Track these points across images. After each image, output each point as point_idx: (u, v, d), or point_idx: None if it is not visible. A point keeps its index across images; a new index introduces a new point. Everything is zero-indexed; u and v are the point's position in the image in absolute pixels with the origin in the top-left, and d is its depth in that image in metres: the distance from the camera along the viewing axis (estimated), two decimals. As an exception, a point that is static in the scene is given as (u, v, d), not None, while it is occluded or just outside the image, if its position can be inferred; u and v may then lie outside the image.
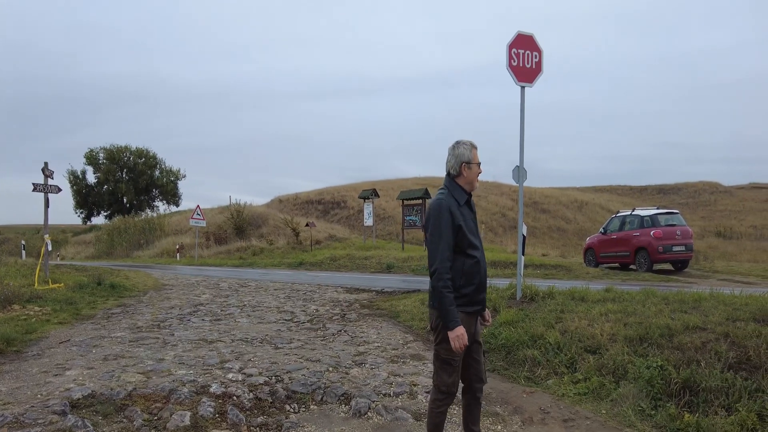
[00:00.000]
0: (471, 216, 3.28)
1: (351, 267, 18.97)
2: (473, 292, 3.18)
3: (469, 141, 3.35)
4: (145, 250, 33.94)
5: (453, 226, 3.12)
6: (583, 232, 35.75)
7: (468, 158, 3.28)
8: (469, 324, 3.20)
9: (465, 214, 3.22)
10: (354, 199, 36.80)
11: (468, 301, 3.18)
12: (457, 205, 3.21)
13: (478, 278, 3.19)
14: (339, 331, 7.45)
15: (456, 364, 3.21)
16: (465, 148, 3.30)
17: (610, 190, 55.59)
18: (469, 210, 3.28)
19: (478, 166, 3.30)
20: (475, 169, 3.30)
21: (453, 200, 3.21)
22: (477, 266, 3.17)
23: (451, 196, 3.23)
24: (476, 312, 3.25)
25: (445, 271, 3.07)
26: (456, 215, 3.15)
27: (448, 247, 3.10)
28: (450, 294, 3.07)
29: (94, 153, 53.44)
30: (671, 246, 16.17)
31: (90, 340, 6.66)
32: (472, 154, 3.29)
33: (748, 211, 41.66)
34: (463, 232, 3.15)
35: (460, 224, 3.15)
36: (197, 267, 22.34)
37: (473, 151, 3.30)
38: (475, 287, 3.18)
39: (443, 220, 3.12)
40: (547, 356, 5.42)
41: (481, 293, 3.24)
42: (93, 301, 10.15)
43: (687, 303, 6.17)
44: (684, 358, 4.74)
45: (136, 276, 15.72)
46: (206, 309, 9.52)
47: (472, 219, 3.28)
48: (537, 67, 7.15)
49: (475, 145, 3.34)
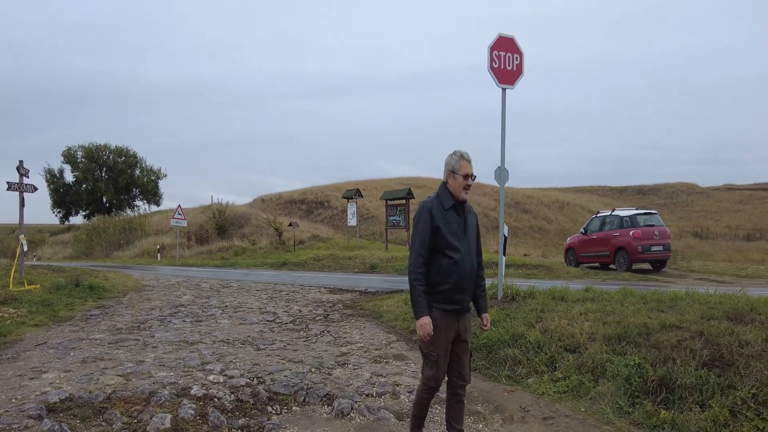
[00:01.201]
0: (458, 220, 3.40)
1: (334, 267, 18.93)
2: (449, 291, 3.32)
3: (462, 152, 3.46)
4: (125, 251, 33.43)
5: (431, 226, 3.33)
6: (564, 232, 36.19)
7: (453, 168, 3.43)
8: (448, 322, 3.34)
9: (449, 218, 3.37)
10: (337, 199, 36.74)
11: (444, 298, 3.33)
12: (441, 208, 3.38)
13: (455, 278, 3.31)
14: (322, 332, 7.44)
15: (434, 359, 3.37)
16: (453, 158, 3.45)
17: (590, 190, 56.38)
18: (456, 215, 3.41)
19: (463, 177, 3.41)
20: (459, 180, 3.42)
21: (438, 203, 3.40)
22: (455, 267, 3.31)
23: (438, 200, 3.43)
24: (455, 311, 3.37)
25: (417, 266, 3.32)
26: (436, 217, 3.35)
27: (422, 246, 3.32)
28: (420, 287, 3.30)
29: (72, 151, 52.51)
30: (650, 246, 16.46)
31: (68, 343, 6.55)
32: (458, 165, 3.42)
33: (723, 211, 42.65)
34: (442, 234, 3.32)
35: (438, 225, 3.33)
36: (178, 267, 22.08)
37: (461, 162, 3.42)
38: (451, 286, 3.32)
39: (422, 221, 3.36)
40: (527, 355, 5.49)
41: (460, 294, 3.36)
42: (71, 302, 9.97)
43: (664, 302, 6.29)
44: (660, 356, 4.84)
45: (116, 277, 15.47)
46: (187, 310, 9.42)
47: (459, 224, 3.40)
48: (518, 69, 7.23)
49: (465, 157, 3.44)
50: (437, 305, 3.34)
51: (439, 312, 3.33)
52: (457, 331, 3.40)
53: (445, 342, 3.37)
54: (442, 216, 3.36)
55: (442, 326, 3.33)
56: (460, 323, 3.41)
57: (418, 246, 3.33)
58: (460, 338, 3.43)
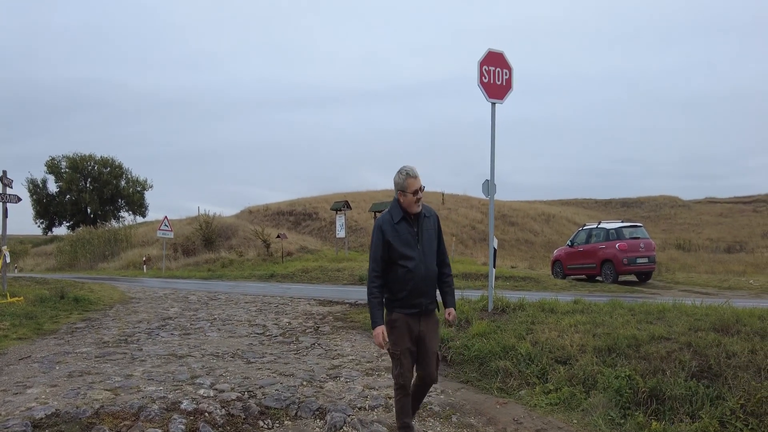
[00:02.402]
0: (410, 230, 3.60)
1: (323, 279, 18.86)
2: (407, 296, 3.58)
3: (408, 170, 3.57)
4: (110, 262, 32.98)
5: (383, 242, 3.57)
6: (551, 244, 36.46)
7: (402, 187, 3.57)
8: (408, 323, 3.61)
9: (399, 230, 3.58)
10: (326, 211, 36.67)
11: (403, 304, 3.61)
12: (391, 222, 3.60)
13: (411, 284, 3.56)
14: (312, 345, 7.39)
15: (397, 357, 3.63)
16: (401, 177, 3.57)
17: (575, 203, 56.93)
18: (407, 225, 3.60)
19: (412, 194, 3.54)
20: (410, 197, 3.56)
21: (389, 217, 3.62)
22: (409, 274, 3.55)
23: (389, 214, 3.65)
24: (416, 314, 3.62)
25: (371, 280, 3.61)
26: (387, 231, 3.58)
27: (375, 261, 3.59)
28: (374, 300, 3.58)
29: (56, 161, 51.84)
30: (635, 258, 16.66)
31: (53, 357, 6.43)
32: (406, 183, 3.54)
33: (705, 224, 43.40)
34: (394, 247, 3.56)
35: (388, 239, 3.56)
36: (165, 279, 21.82)
37: (408, 180, 3.53)
38: (408, 292, 3.57)
39: (375, 237, 3.63)
40: (519, 367, 5.51)
41: (417, 298, 3.60)
42: (55, 315, 9.80)
43: (652, 314, 6.37)
44: (650, 367, 4.89)
45: (102, 289, 15.25)
46: (175, 323, 9.31)
47: (411, 233, 3.60)
48: (507, 84, 7.34)
49: (411, 174, 3.54)
50: (399, 310, 3.61)
51: (400, 315, 3.61)
52: (419, 332, 3.64)
53: (407, 342, 3.61)
54: (393, 230, 3.57)
55: (404, 327, 3.61)
56: (421, 324, 3.65)
57: (371, 261, 3.61)
58: (424, 339, 3.66)
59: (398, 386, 3.69)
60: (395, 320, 3.63)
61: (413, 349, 3.66)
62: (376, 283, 3.60)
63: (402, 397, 3.72)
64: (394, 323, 3.64)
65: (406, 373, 3.64)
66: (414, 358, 3.69)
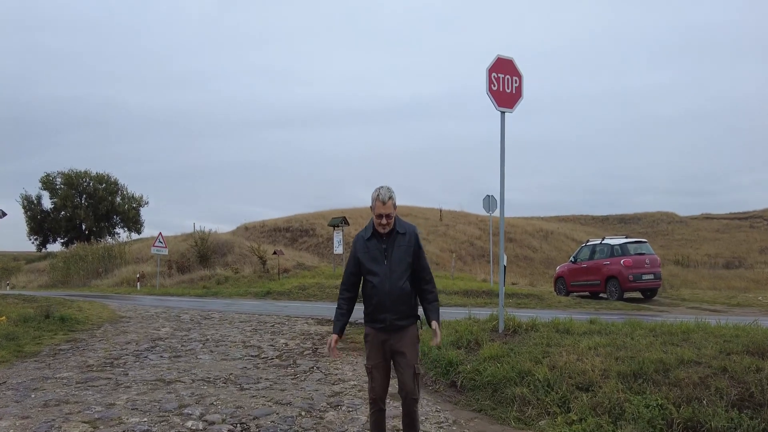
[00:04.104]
0: (378, 248, 3.63)
1: (321, 296, 18.36)
2: (373, 311, 3.64)
3: (379, 192, 3.58)
4: (103, 279, 32.33)
5: (354, 257, 3.70)
6: (550, 260, 36.07)
7: (372, 205, 3.65)
8: (377, 338, 3.64)
9: (370, 247, 3.65)
10: (323, 227, 36.23)
11: (370, 318, 3.68)
12: (363, 239, 3.68)
13: (375, 299, 3.61)
14: (311, 368, 6.92)
15: (369, 371, 3.70)
16: (372, 196, 3.63)
17: (573, 219, 56.69)
18: (377, 242, 3.64)
19: (376, 216, 3.59)
20: (375, 219, 3.63)
21: (363, 233, 3.72)
22: (373, 290, 3.61)
23: (364, 231, 3.74)
24: (382, 329, 3.62)
25: (340, 292, 3.75)
26: (358, 247, 3.68)
27: (346, 274, 3.72)
28: (337, 310, 3.72)
29: (51, 177, 51.37)
30: (641, 275, 16.28)
31: (30, 383, 5.94)
32: (374, 204, 3.60)
33: (702, 240, 43.21)
34: (362, 262, 3.65)
35: (358, 256, 3.67)
36: (158, 297, 21.26)
37: (376, 203, 3.58)
38: (373, 307, 3.63)
39: (350, 254, 3.77)
40: (537, 394, 5.06)
41: (382, 313, 3.60)
42: (39, 336, 9.29)
43: (676, 335, 5.96)
44: (683, 395, 4.47)
45: (91, 307, 14.70)
46: (165, 344, 8.81)
47: (380, 250, 3.63)
48: (517, 92, 7.00)
49: (380, 198, 3.55)
50: (368, 324, 3.68)
51: (370, 329, 3.68)
52: (390, 347, 3.64)
53: (376, 356, 3.65)
54: (363, 246, 3.66)
55: (374, 342, 3.66)
56: (392, 339, 3.63)
57: (344, 275, 3.75)
58: (396, 353, 3.64)
59: (370, 400, 3.73)
60: (367, 335, 3.72)
61: (386, 364, 3.69)
62: (343, 295, 3.72)
63: (374, 412, 3.71)
64: (366, 337, 3.74)
65: (377, 388, 3.67)
66: (386, 373, 3.70)
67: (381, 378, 3.66)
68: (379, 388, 3.66)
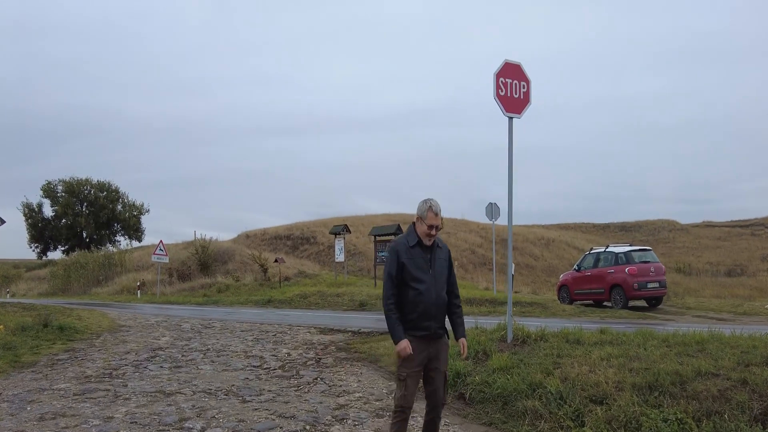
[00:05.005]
0: (423, 256, 3.71)
1: (322, 304, 18.18)
2: (417, 318, 3.65)
3: (432, 203, 3.71)
4: (103, 287, 32.19)
5: (397, 262, 3.68)
6: (552, 268, 35.88)
7: (421, 215, 3.73)
8: (418, 346, 3.63)
9: (414, 254, 3.70)
10: (324, 235, 36.08)
11: (413, 326, 3.66)
12: (407, 245, 3.71)
13: (421, 307, 3.63)
14: (315, 379, 6.75)
15: (403, 379, 3.65)
16: (424, 206, 3.72)
17: (574, 227, 56.49)
18: (421, 251, 3.72)
19: (427, 227, 3.67)
20: (424, 228, 3.70)
21: (404, 241, 3.75)
22: (420, 297, 3.63)
23: (405, 238, 3.79)
24: (424, 337, 3.66)
25: (387, 297, 3.67)
26: (401, 254, 3.69)
27: (390, 279, 3.68)
28: (393, 315, 3.64)
29: (52, 185, 51.36)
30: (646, 283, 16.09)
31: (26, 394, 5.78)
32: (426, 215, 3.69)
33: (704, 248, 43.01)
34: (407, 269, 3.66)
35: (404, 261, 3.66)
36: (158, 305, 21.09)
37: (428, 213, 3.69)
38: (418, 314, 3.64)
39: (390, 258, 3.73)
40: (549, 407, 4.90)
41: (426, 321, 3.65)
42: (37, 345, 9.13)
43: (690, 345, 5.79)
44: (702, 408, 4.31)
45: (90, 316, 14.54)
46: (165, 354, 8.65)
47: (425, 258, 3.71)
48: (525, 97, 6.89)
49: (434, 210, 3.69)
50: (407, 332, 3.65)
51: (411, 338, 3.64)
52: (428, 355, 3.68)
53: (415, 365, 3.64)
54: (407, 252, 3.69)
55: (416, 352, 3.63)
56: (430, 347, 3.69)
57: (386, 279, 3.69)
58: (432, 363, 3.70)
59: (399, 409, 3.69)
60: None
61: (420, 371, 3.71)
62: (391, 300, 3.67)
63: (400, 422, 3.68)
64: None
65: (409, 396, 3.66)
66: (418, 382, 3.73)
67: (414, 386, 3.69)
68: (412, 396, 3.69)
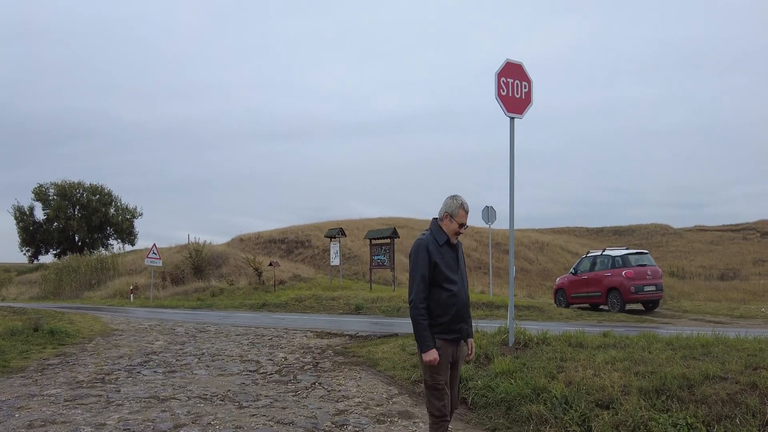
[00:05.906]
0: (452, 255, 3.54)
1: (318, 308, 18.02)
2: (449, 321, 3.47)
3: (463, 201, 3.59)
4: (96, 291, 31.80)
5: (429, 262, 3.44)
6: (546, 272, 35.85)
7: (452, 212, 3.57)
8: (446, 349, 3.49)
9: (444, 253, 3.49)
10: (319, 239, 35.90)
11: (445, 329, 3.48)
12: (436, 244, 3.50)
13: (454, 309, 3.46)
14: (313, 384, 6.61)
15: (441, 387, 3.46)
16: (455, 203, 3.58)
17: (568, 231, 56.61)
18: (449, 250, 3.54)
19: (458, 225, 3.54)
20: (454, 226, 3.55)
21: (433, 240, 3.52)
22: (453, 298, 3.45)
23: (432, 237, 3.55)
24: (455, 339, 3.54)
25: (419, 300, 3.42)
26: (433, 253, 3.46)
27: (423, 281, 3.43)
28: (424, 321, 3.42)
29: (44, 188, 50.82)
30: (643, 286, 16.08)
31: (14, 401, 5.60)
32: (457, 213, 3.56)
33: (696, 252, 43.20)
34: (440, 269, 3.45)
35: (436, 261, 3.45)
36: (152, 309, 20.84)
37: (460, 211, 3.57)
38: (451, 317, 3.47)
39: (420, 257, 3.46)
40: (554, 412, 4.79)
41: (459, 323, 3.52)
42: (26, 350, 8.92)
43: (695, 348, 5.71)
44: (712, 413, 4.22)
45: (83, 320, 14.30)
46: (159, 358, 8.47)
47: (453, 258, 3.54)
48: (527, 97, 6.81)
49: (465, 208, 3.58)
50: (439, 336, 3.47)
51: (440, 341, 3.47)
52: (453, 356, 3.56)
53: (446, 369, 3.51)
54: (438, 251, 3.48)
55: (443, 354, 3.48)
56: (457, 350, 3.59)
57: (418, 282, 3.43)
58: (455, 364, 3.59)
59: (442, 419, 3.48)
60: (438, 348, 3.45)
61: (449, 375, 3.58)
62: (424, 304, 3.44)
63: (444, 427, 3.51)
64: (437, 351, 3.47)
65: (447, 404, 3.51)
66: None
67: (447, 392, 3.52)
68: (449, 402, 3.53)
